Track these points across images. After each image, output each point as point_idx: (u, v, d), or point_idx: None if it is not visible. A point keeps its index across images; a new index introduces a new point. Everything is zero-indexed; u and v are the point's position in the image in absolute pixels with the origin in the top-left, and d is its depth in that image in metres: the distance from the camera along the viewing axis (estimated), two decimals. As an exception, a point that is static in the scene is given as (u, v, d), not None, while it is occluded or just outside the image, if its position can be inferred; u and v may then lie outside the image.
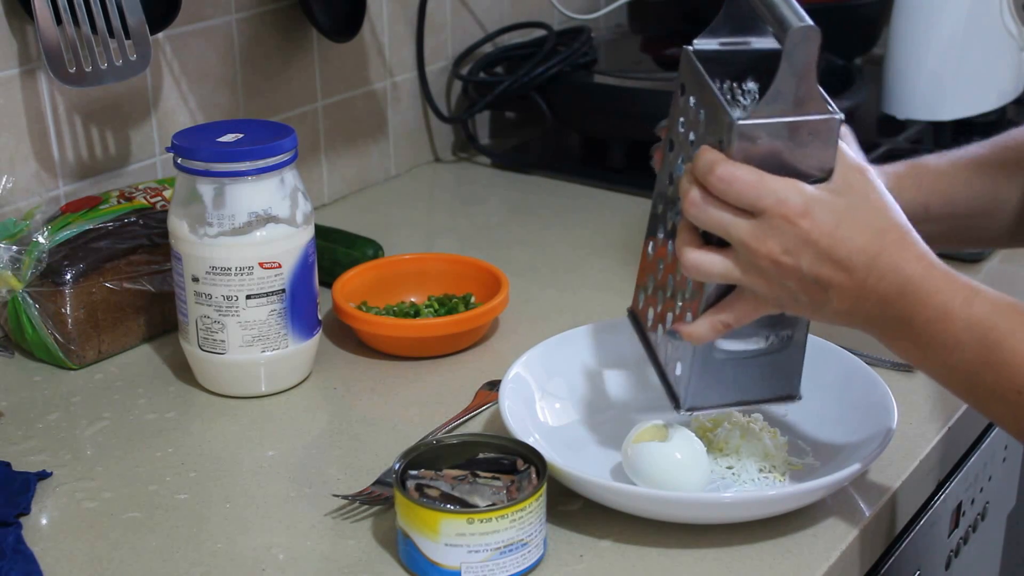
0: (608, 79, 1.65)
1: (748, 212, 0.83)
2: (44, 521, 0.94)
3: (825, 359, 1.03)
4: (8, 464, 1.00)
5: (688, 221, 0.87)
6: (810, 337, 1.01)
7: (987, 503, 1.25)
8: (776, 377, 0.94)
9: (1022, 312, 0.82)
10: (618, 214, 1.51)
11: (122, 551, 0.91)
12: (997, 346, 0.81)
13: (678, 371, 0.93)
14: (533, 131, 1.74)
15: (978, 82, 1.61)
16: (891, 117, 1.64)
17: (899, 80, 1.60)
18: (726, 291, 0.88)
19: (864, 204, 0.84)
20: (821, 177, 0.84)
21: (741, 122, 0.82)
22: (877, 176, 0.86)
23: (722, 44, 0.91)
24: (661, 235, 0.95)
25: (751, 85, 0.89)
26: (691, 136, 0.90)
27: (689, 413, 0.93)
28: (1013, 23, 1.59)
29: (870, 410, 0.98)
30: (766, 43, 0.91)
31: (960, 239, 1.05)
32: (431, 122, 1.67)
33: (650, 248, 0.97)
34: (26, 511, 0.95)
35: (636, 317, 1.00)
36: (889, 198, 0.85)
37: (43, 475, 0.99)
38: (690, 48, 0.91)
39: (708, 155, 0.84)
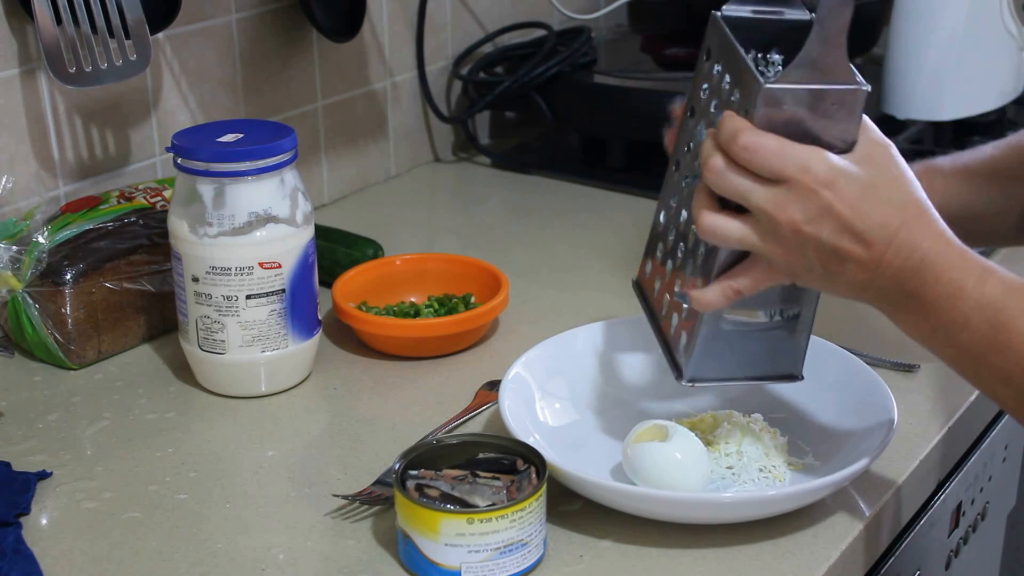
0: (608, 79, 1.65)
1: (770, 180, 0.82)
2: (44, 521, 0.94)
3: (825, 359, 1.03)
4: (8, 464, 1.00)
5: (706, 185, 0.86)
6: (811, 338, 1.01)
7: (987, 503, 1.25)
8: (780, 355, 0.93)
9: None
10: (618, 214, 1.51)
11: (122, 551, 0.91)
12: (1005, 327, 0.81)
13: (683, 341, 0.92)
14: (533, 131, 1.74)
15: (978, 82, 1.61)
16: (891, 117, 1.64)
17: (899, 80, 1.60)
18: (739, 259, 0.87)
19: (886, 177, 0.83)
20: (843, 149, 0.83)
21: (768, 86, 0.81)
22: (898, 152, 0.86)
23: (753, 12, 0.90)
24: (675, 202, 0.94)
25: (776, 57, 0.88)
26: (713, 103, 0.89)
27: (691, 384, 0.92)
28: (1013, 23, 1.59)
29: (870, 410, 0.98)
30: (796, 14, 0.90)
31: (970, 239, 1.06)
32: (431, 122, 1.67)
33: (662, 215, 0.96)
34: (26, 511, 0.95)
35: (641, 287, 1.00)
36: (910, 173, 0.85)
37: (43, 475, 0.99)
38: (718, 13, 0.90)
39: (732, 122, 0.83)
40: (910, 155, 0.92)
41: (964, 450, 1.14)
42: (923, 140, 1.63)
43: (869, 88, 0.83)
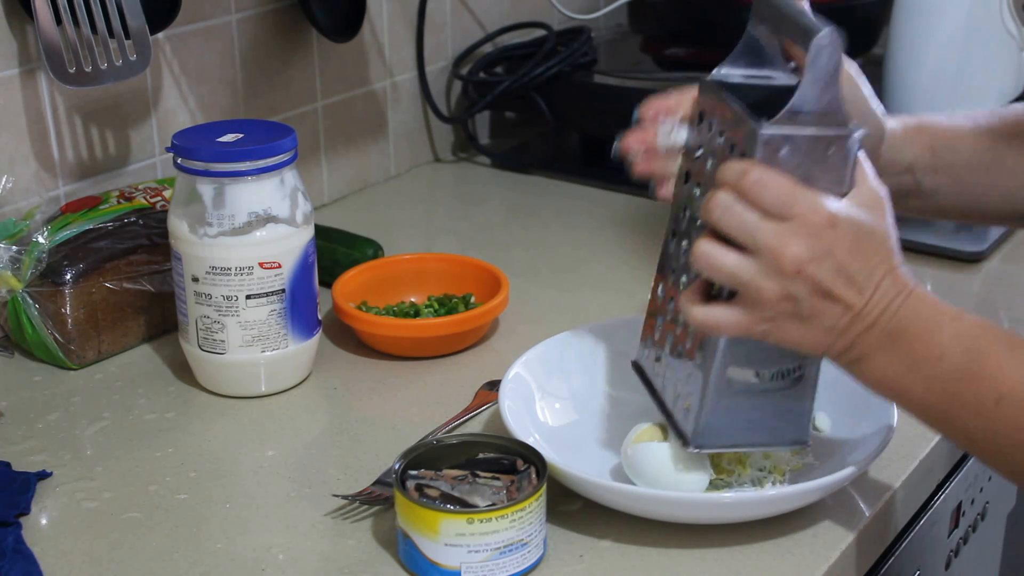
0: (608, 79, 1.65)
1: (776, 216, 0.82)
2: (44, 521, 0.94)
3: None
4: (8, 464, 1.00)
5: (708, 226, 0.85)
6: None
7: (987, 503, 1.25)
8: (786, 419, 0.92)
9: (1001, 332, 0.85)
10: (618, 214, 1.51)
11: (122, 551, 0.91)
12: (981, 356, 0.83)
13: (686, 410, 0.92)
14: (533, 131, 1.74)
15: (978, 82, 1.60)
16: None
17: (899, 80, 1.60)
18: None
19: (880, 227, 0.84)
20: (838, 192, 0.84)
21: (765, 131, 0.82)
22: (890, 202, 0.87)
23: (744, 77, 0.91)
24: (673, 275, 0.94)
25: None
26: (709, 163, 0.89)
27: (697, 450, 0.91)
28: (1013, 23, 1.59)
29: (870, 410, 0.98)
30: (786, 79, 0.91)
31: (967, 200, 1.05)
32: (431, 122, 1.67)
33: (660, 289, 0.96)
34: (26, 511, 0.95)
35: (640, 368, 0.99)
36: (894, 227, 0.86)
37: (43, 475, 0.99)
38: (709, 77, 0.91)
39: (737, 163, 0.83)
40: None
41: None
42: (923, 140, 1.63)
43: (862, 133, 0.83)
